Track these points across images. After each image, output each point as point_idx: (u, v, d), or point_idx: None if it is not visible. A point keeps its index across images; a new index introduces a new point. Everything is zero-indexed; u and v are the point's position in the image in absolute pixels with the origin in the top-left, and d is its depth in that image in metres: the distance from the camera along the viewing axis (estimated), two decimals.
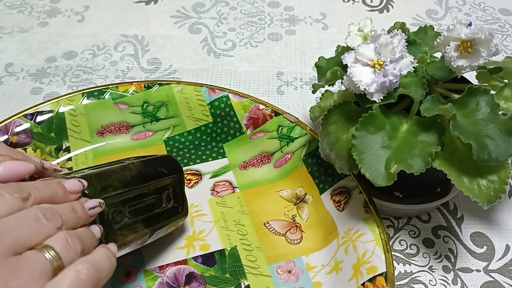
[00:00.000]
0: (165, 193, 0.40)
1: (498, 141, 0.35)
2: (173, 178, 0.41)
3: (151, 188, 0.39)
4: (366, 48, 0.39)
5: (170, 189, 0.41)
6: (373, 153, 0.37)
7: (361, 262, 0.39)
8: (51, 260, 0.27)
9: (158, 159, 0.41)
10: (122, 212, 0.36)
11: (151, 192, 0.39)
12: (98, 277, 0.29)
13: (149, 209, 0.38)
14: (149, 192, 0.38)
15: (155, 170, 0.40)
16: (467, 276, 0.43)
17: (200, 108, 0.52)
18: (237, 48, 0.66)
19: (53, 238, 0.28)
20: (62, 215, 0.30)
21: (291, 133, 0.49)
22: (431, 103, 0.38)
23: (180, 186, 0.42)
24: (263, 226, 0.46)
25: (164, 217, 0.40)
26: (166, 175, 0.40)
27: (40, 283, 0.26)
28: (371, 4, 0.75)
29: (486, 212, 0.49)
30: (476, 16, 0.73)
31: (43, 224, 0.28)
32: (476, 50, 0.36)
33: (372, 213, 0.42)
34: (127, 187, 0.36)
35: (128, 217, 0.36)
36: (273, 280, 0.42)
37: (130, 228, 0.36)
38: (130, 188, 0.37)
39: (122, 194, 0.36)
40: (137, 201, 0.37)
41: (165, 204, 0.40)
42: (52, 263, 0.27)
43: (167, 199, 0.40)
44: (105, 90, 0.51)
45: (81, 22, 0.69)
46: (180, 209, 0.42)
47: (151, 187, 0.39)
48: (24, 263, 0.26)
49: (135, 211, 0.37)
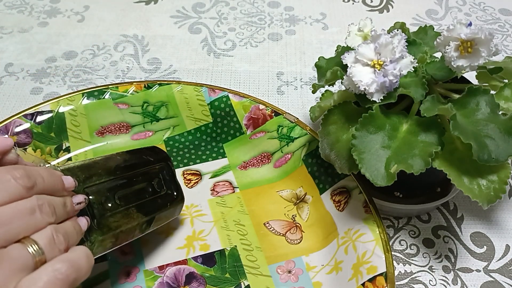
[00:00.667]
0: (155, 180, 0.41)
1: (498, 141, 0.35)
2: (161, 165, 0.42)
3: (138, 175, 0.39)
4: (366, 48, 0.39)
5: (160, 177, 0.41)
6: (373, 153, 0.37)
7: (361, 262, 0.39)
8: (34, 254, 0.28)
9: (144, 149, 0.42)
10: (111, 199, 0.36)
11: (139, 180, 0.39)
12: (76, 277, 0.29)
13: (140, 195, 0.39)
14: (137, 180, 0.39)
15: (140, 158, 0.41)
16: (467, 276, 0.43)
17: (200, 108, 0.52)
18: (237, 48, 0.66)
19: (40, 233, 0.29)
20: (57, 210, 0.30)
21: (291, 133, 0.49)
22: (431, 103, 0.38)
23: (170, 173, 0.42)
24: (263, 226, 0.46)
25: (159, 203, 0.40)
26: (152, 162, 0.41)
27: (18, 277, 0.27)
28: (371, 4, 0.75)
29: (486, 212, 0.49)
30: (476, 16, 0.73)
31: (36, 218, 0.28)
32: (476, 50, 0.36)
33: (372, 213, 0.42)
34: (113, 175, 0.37)
35: (118, 204, 0.37)
36: (273, 280, 0.42)
37: (123, 215, 0.37)
38: (116, 176, 0.37)
39: (108, 182, 0.37)
40: (125, 188, 0.38)
41: (158, 191, 0.40)
42: (34, 257, 0.28)
43: (158, 186, 0.41)
44: (105, 90, 0.51)
45: (81, 22, 0.69)
46: (175, 195, 0.42)
47: (138, 174, 0.39)
48: (6, 257, 0.27)
49: (125, 197, 0.37)
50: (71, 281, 0.29)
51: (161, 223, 0.41)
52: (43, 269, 0.28)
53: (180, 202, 0.42)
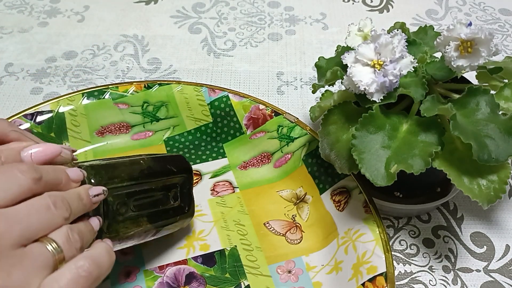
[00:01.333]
0: (172, 191, 0.40)
1: (498, 141, 0.35)
2: (182, 177, 0.41)
3: (158, 184, 0.39)
4: (366, 48, 0.39)
5: (178, 188, 0.41)
6: (373, 153, 0.37)
7: (361, 262, 0.39)
8: (53, 252, 0.28)
9: (169, 157, 0.41)
10: (127, 204, 0.36)
11: (159, 189, 0.39)
12: (98, 273, 0.29)
13: (155, 205, 0.38)
14: (156, 188, 0.38)
15: (165, 167, 0.40)
16: (467, 276, 0.43)
17: (200, 108, 0.52)
18: (237, 48, 0.66)
19: (56, 232, 0.29)
20: (71, 204, 0.30)
21: (291, 133, 0.49)
22: (431, 103, 0.38)
23: (188, 186, 0.42)
24: (263, 226, 0.46)
25: (169, 215, 0.40)
26: (175, 173, 0.40)
27: (41, 275, 0.27)
28: (371, 4, 0.75)
29: (486, 212, 0.49)
30: (476, 16, 0.73)
31: (53, 214, 0.28)
32: (476, 50, 0.36)
33: (372, 213, 0.42)
34: (134, 180, 0.36)
35: (132, 210, 0.36)
36: (273, 280, 0.42)
37: (133, 222, 0.36)
38: (138, 182, 0.37)
39: (129, 186, 0.36)
40: (143, 195, 0.37)
41: (172, 202, 0.40)
42: (54, 255, 0.28)
43: (174, 197, 0.40)
44: (105, 90, 0.51)
45: (81, 22, 0.69)
46: (186, 209, 0.41)
47: (159, 184, 0.39)
48: (29, 256, 0.26)
49: (140, 205, 0.37)
50: (94, 278, 0.29)
51: (164, 233, 0.41)
52: (66, 267, 0.28)
53: (189, 216, 0.42)
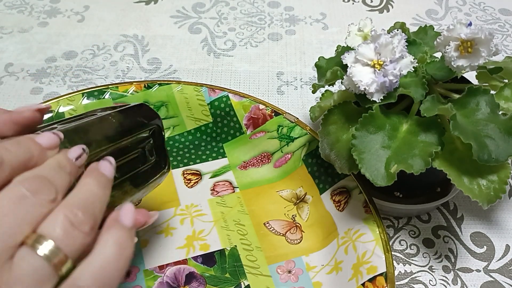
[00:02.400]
0: (147, 146, 0.37)
1: (498, 141, 0.35)
2: (153, 128, 0.37)
3: (134, 141, 0.35)
4: (366, 48, 0.39)
5: (151, 141, 0.37)
6: (373, 153, 0.37)
7: (361, 262, 0.39)
8: (48, 256, 0.21)
9: (135, 107, 0.37)
10: None
11: (134, 146, 0.35)
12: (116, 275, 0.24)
13: (135, 165, 0.35)
14: (132, 146, 0.35)
15: (135, 121, 0.36)
16: (467, 276, 0.43)
17: (200, 108, 0.52)
18: (237, 48, 0.66)
19: (48, 222, 0.22)
20: (53, 179, 0.24)
21: (291, 133, 0.49)
22: (431, 103, 0.38)
23: (160, 137, 0.38)
24: (263, 226, 0.46)
25: (149, 174, 0.37)
26: (146, 125, 0.37)
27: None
28: (371, 4, 0.75)
29: (486, 212, 0.49)
30: (476, 16, 0.73)
31: (32, 204, 0.22)
32: (476, 50, 0.36)
33: (372, 213, 0.42)
34: (111, 142, 0.32)
35: (115, 176, 0.31)
36: (273, 280, 0.42)
37: (118, 188, 0.33)
38: (114, 143, 0.33)
39: (107, 149, 0.32)
40: (122, 157, 0.34)
41: (149, 159, 0.37)
42: (50, 261, 0.21)
43: (150, 153, 0.37)
44: (105, 90, 0.51)
45: (81, 22, 0.69)
46: (163, 165, 0.39)
47: (134, 140, 0.35)
48: (16, 273, 0.20)
49: (121, 168, 0.33)
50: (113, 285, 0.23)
51: (145, 194, 0.38)
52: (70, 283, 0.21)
53: (166, 172, 0.39)
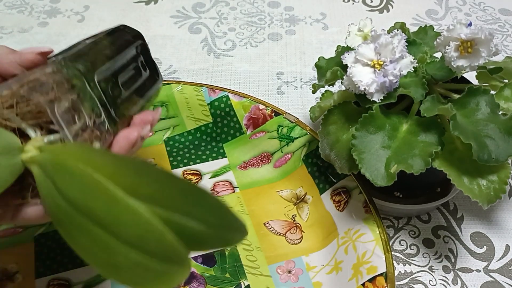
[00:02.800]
0: (139, 61, 0.39)
1: (498, 141, 0.35)
2: (139, 44, 0.39)
3: (127, 57, 0.37)
4: (366, 48, 0.39)
5: (141, 57, 0.39)
6: (373, 153, 0.37)
7: (361, 262, 0.39)
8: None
9: (119, 29, 0.39)
10: (117, 85, 0.34)
11: (130, 62, 0.37)
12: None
13: (135, 78, 0.37)
14: (128, 62, 0.37)
15: (123, 39, 0.38)
16: (467, 276, 0.43)
17: (200, 108, 0.52)
18: (237, 48, 0.66)
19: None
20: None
21: (291, 133, 0.49)
22: (431, 103, 0.38)
23: (147, 53, 0.40)
24: (263, 226, 0.46)
25: (147, 86, 0.39)
26: (133, 43, 0.38)
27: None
28: (371, 4, 0.75)
29: (486, 212, 0.49)
30: (476, 16, 0.73)
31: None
32: (476, 50, 0.36)
33: (372, 213, 0.42)
34: (111, 58, 0.35)
35: (123, 89, 0.35)
36: (273, 280, 0.42)
37: (129, 101, 0.35)
38: (114, 59, 0.35)
39: (110, 66, 0.34)
40: (124, 72, 0.36)
41: (144, 73, 0.39)
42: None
43: (142, 67, 0.39)
44: None
45: (81, 22, 0.69)
46: (156, 76, 0.40)
47: (127, 56, 0.37)
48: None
49: (126, 82, 0.36)
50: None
51: (149, 102, 0.40)
52: None
53: (160, 83, 0.41)
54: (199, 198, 0.23)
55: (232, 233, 0.24)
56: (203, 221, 0.23)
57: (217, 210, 0.23)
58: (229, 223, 0.24)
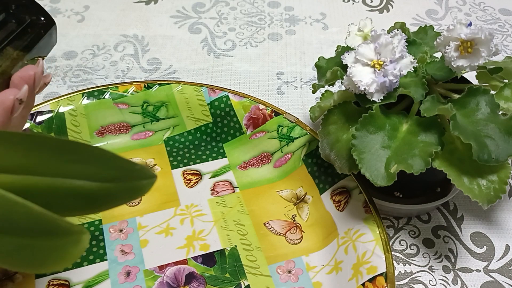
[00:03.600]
0: (12, 7, 0.36)
1: (498, 141, 0.35)
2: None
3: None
4: (366, 48, 0.39)
5: (15, 2, 0.37)
6: (373, 153, 0.37)
7: (361, 262, 0.39)
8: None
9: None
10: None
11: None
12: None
13: (8, 30, 0.35)
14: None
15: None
16: (467, 276, 0.43)
17: (200, 108, 0.52)
18: (237, 48, 0.66)
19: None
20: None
21: (291, 133, 0.49)
22: (431, 103, 0.38)
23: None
24: (263, 226, 0.46)
25: (33, 34, 0.36)
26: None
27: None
28: (371, 4, 0.75)
29: (486, 212, 0.49)
30: (476, 16, 0.73)
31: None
32: (476, 50, 0.36)
33: (372, 213, 0.42)
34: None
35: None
36: (273, 280, 0.42)
37: (2, 57, 0.32)
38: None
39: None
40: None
41: (24, 19, 0.36)
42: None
43: (21, 13, 0.36)
44: (105, 90, 0.51)
45: (81, 22, 0.69)
46: (42, 19, 0.37)
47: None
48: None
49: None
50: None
51: (43, 54, 0.37)
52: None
53: (51, 26, 0.38)
54: (80, 154, 0.20)
55: (136, 180, 0.22)
56: (94, 177, 0.20)
57: (108, 162, 0.21)
58: (127, 171, 0.22)
